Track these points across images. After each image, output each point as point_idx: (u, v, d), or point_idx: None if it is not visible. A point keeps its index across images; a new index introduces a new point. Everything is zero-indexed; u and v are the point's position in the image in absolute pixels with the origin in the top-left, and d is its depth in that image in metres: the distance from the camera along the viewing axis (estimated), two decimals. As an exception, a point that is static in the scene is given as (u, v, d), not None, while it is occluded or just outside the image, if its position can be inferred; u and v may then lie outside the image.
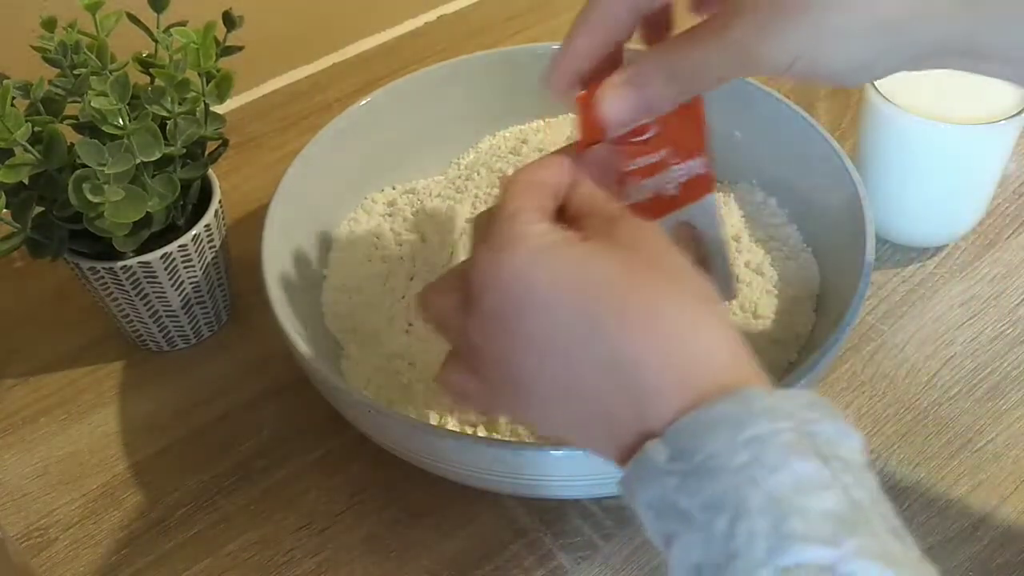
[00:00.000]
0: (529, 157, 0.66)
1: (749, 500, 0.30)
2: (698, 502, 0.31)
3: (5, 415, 0.61)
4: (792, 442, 0.31)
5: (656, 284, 0.35)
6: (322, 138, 0.62)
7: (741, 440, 0.31)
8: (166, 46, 0.55)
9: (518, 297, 0.36)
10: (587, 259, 0.36)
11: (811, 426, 0.32)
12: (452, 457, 0.48)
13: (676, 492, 0.31)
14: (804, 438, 0.31)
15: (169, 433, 0.59)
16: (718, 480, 0.31)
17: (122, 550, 0.54)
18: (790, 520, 0.29)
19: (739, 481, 0.30)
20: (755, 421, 0.31)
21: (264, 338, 0.63)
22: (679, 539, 0.31)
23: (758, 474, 0.30)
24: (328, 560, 0.53)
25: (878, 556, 0.29)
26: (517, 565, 0.53)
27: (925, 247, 0.67)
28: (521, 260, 0.36)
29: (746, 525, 0.29)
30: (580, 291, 0.35)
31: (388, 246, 0.63)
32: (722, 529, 0.30)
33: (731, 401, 0.32)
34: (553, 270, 0.35)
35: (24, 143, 0.51)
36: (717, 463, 0.31)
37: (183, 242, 0.57)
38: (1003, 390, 0.59)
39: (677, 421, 0.32)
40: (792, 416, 0.32)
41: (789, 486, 0.30)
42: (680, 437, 0.32)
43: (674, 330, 0.34)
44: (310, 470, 0.57)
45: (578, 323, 0.34)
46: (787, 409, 0.32)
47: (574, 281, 0.35)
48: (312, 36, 0.83)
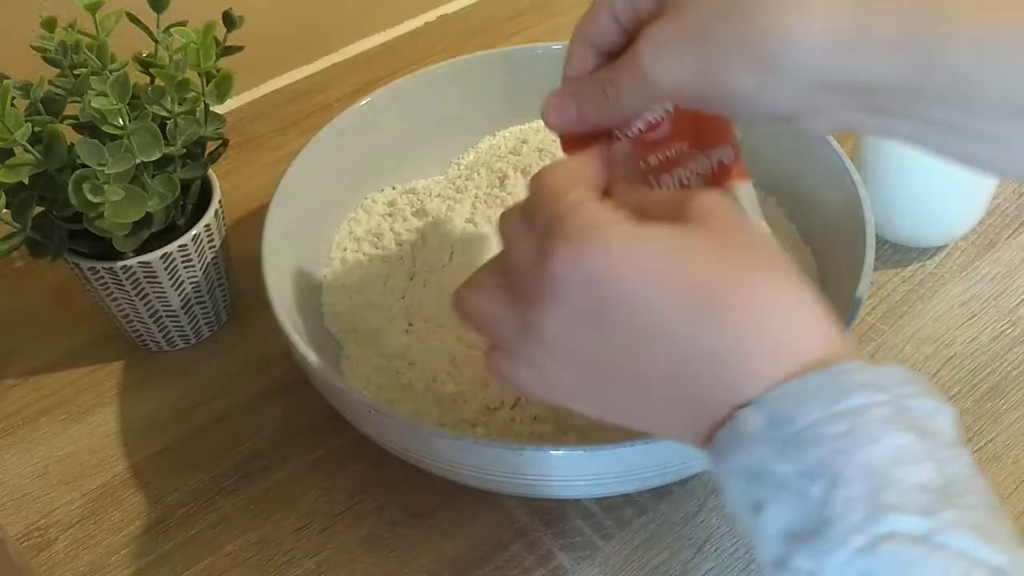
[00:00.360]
0: (529, 157, 0.66)
1: (846, 469, 0.30)
2: (795, 469, 0.31)
3: (5, 415, 0.61)
4: (889, 415, 0.31)
5: (747, 265, 0.35)
6: (322, 138, 0.62)
7: (839, 411, 0.31)
8: (166, 46, 0.55)
9: (608, 291, 0.34)
10: (675, 247, 0.35)
11: (907, 400, 0.32)
12: (452, 457, 0.48)
13: (771, 459, 0.32)
14: (900, 411, 0.32)
15: (169, 433, 0.59)
16: (816, 448, 0.31)
17: (122, 550, 0.54)
18: (886, 490, 0.30)
19: (837, 450, 0.31)
20: (853, 393, 0.32)
21: (264, 338, 0.63)
22: (770, 505, 0.32)
23: (855, 444, 0.31)
24: (328, 560, 0.53)
25: (972, 528, 0.29)
26: (517, 565, 0.53)
27: (925, 247, 0.67)
28: (606, 252, 0.34)
29: (843, 492, 0.30)
30: (674, 282, 0.34)
31: (388, 246, 0.63)
32: (818, 495, 0.30)
33: (829, 373, 0.32)
34: (642, 261, 0.34)
35: (24, 143, 0.51)
36: (815, 432, 0.31)
37: (183, 242, 0.57)
38: (1003, 390, 0.59)
39: (774, 390, 0.32)
40: (889, 390, 0.32)
41: (886, 457, 0.30)
42: (777, 406, 0.32)
43: (772, 312, 0.34)
44: (310, 470, 0.57)
45: (676, 316, 0.34)
46: (884, 382, 0.32)
47: (666, 272, 0.34)
48: (312, 36, 0.83)
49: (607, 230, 0.35)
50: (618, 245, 0.34)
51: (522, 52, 0.69)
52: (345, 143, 0.63)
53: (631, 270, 0.34)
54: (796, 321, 0.34)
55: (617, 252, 0.34)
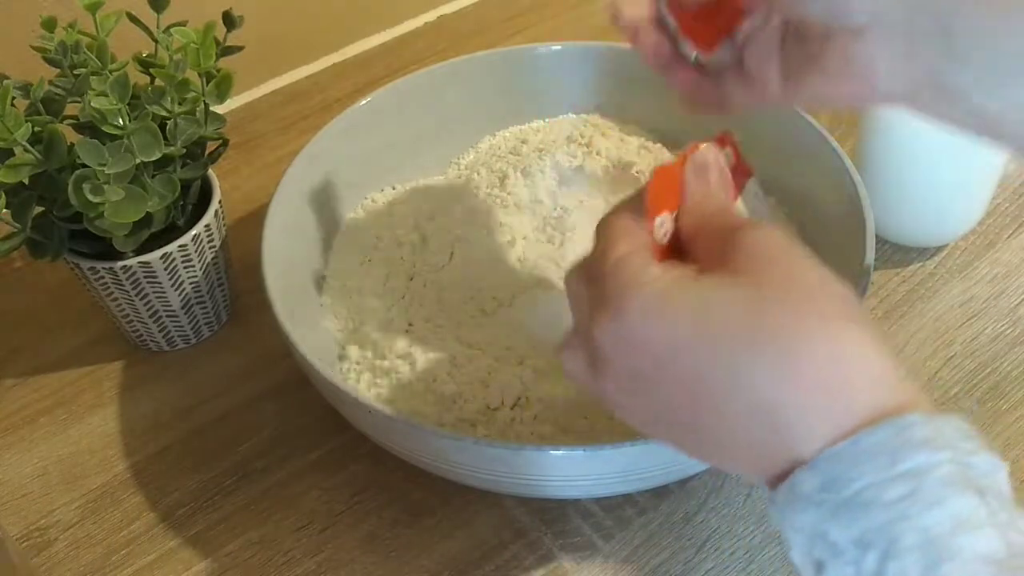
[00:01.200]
0: (529, 157, 0.66)
1: (902, 539, 0.29)
2: (848, 536, 0.30)
3: (5, 415, 0.61)
4: (950, 476, 0.29)
5: (787, 316, 0.32)
6: (322, 138, 0.62)
7: (897, 473, 0.29)
8: (166, 46, 0.55)
9: (645, 353, 0.34)
10: (705, 302, 0.33)
11: (968, 457, 0.30)
12: (452, 457, 0.48)
13: (826, 523, 0.30)
14: (961, 471, 0.30)
15: (169, 433, 0.59)
16: (870, 515, 0.29)
17: (122, 550, 0.54)
18: (945, 563, 0.28)
19: (892, 517, 0.29)
20: (913, 453, 0.30)
21: (264, 338, 0.63)
22: (829, 568, 0.30)
23: (913, 511, 0.29)
24: (328, 560, 0.53)
25: None
26: (517, 565, 0.53)
27: (925, 247, 0.67)
28: (640, 315, 0.34)
29: (897, 565, 0.28)
30: (706, 339, 0.33)
31: (388, 246, 0.63)
32: (872, 567, 0.29)
33: (887, 429, 0.30)
34: (674, 322, 0.33)
35: (24, 143, 0.51)
36: (870, 496, 0.29)
37: (183, 242, 0.57)
38: (1003, 390, 0.59)
39: (828, 449, 0.31)
40: (950, 446, 0.30)
41: (946, 525, 0.28)
42: (832, 467, 0.30)
43: (814, 362, 0.32)
44: (310, 470, 0.57)
45: (714, 373, 0.32)
46: (945, 438, 0.30)
47: (697, 329, 0.33)
48: (312, 36, 0.83)
49: (639, 291, 0.34)
50: (651, 306, 0.34)
51: (522, 52, 0.69)
52: (345, 143, 0.63)
53: (663, 332, 0.33)
54: (848, 371, 0.32)
55: (649, 315, 0.34)
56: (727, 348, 0.32)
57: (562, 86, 0.70)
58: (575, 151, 0.65)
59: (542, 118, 0.70)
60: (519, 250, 0.61)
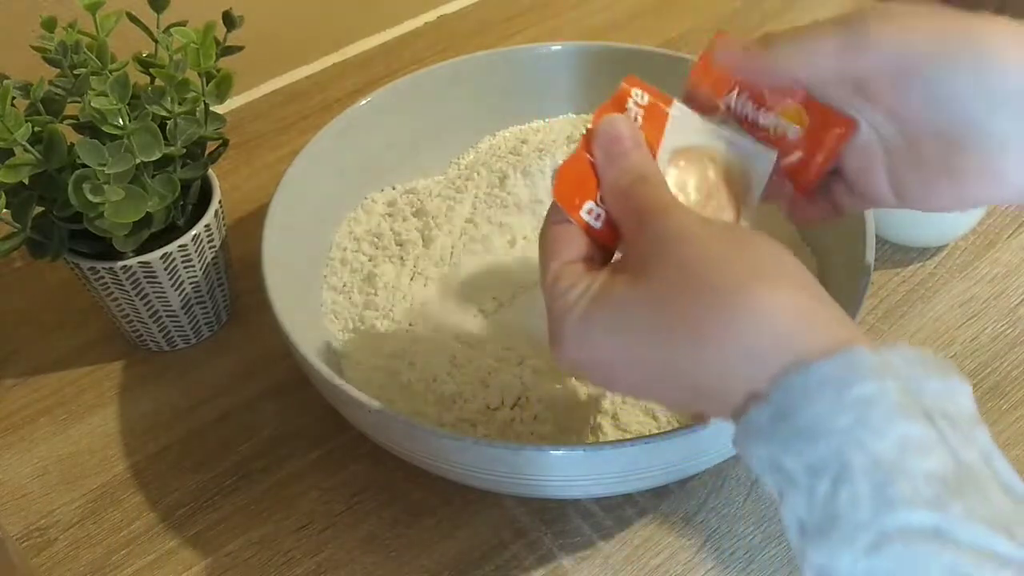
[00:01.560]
0: (529, 157, 0.66)
1: (852, 463, 0.29)
2: (801, 464, 0.31)
3: (5, 415, 0.61)
4: (898, 402, 0.30)
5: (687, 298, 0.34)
6: (322, 138, 0.62)
7: (846, 401, 0.30)
8: (166, 46, 0.55)
9: (598, 368, 0.37)
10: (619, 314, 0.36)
11: (918, 383, 0.31)
12: (452, 457, 0.48)
13: (781, 453, 0.31)
14: (911, 397, 0.30)
15: (169, 433, 0.59)
16: (821, 442, 0.30)
17: (122, 550, 0.54)
18: (894, 483, 0.29)
19: (842, 443, 0.30)
20: (860, 380, 0.30)
21: (264, 338, 0.63)
22: (786, 496, 0.31)
23: (862, 436, 0.30)
24: (328, 560, 0.53)
25: (986, 519, 0.28)
26: (517, 565, 0.53)
27: (925, 247, 0.67)
28: (575, 345, 0.37)
29: (848, 488, 0.29)
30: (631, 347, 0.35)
31: (388, 246, 0.63)
32: (825, 491, 0.30)
33: (835, 360, 0.31)
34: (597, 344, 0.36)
35: (24, 143, 0.51)
36: (820, 425, 0.30)
37: (183, 242, 0.57)
38: (1003, 390, 0.59)
39: (780, 379, 0.32)
40: (899, 374, 0.31)
41: (894, 448, 0.29)
42: (783, 398, 0.31)
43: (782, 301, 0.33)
44: (310, 470, 0.57)
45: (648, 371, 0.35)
46: (894, 366, 0.31)
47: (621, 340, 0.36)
48: (312, 36, 0.83)
49: (567, 319, 0.37)
50: (578, 333, 0.37)
51: (522, 52, 0.69)
52: (345, 143, 0.63)
53: (596, 353, 0.36)
54: (807, 313, 0.33)
55: (581, 341, 0.37)
56: (649, 348, 0.35)
57: (562, 86, 0.70)
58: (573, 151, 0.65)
59: (542, 118, 0.70)
60: (519, 250, 0.61)
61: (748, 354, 0.33)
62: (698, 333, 0.34)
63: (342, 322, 0.60)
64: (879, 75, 0.38)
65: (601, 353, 0.36)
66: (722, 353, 0.33)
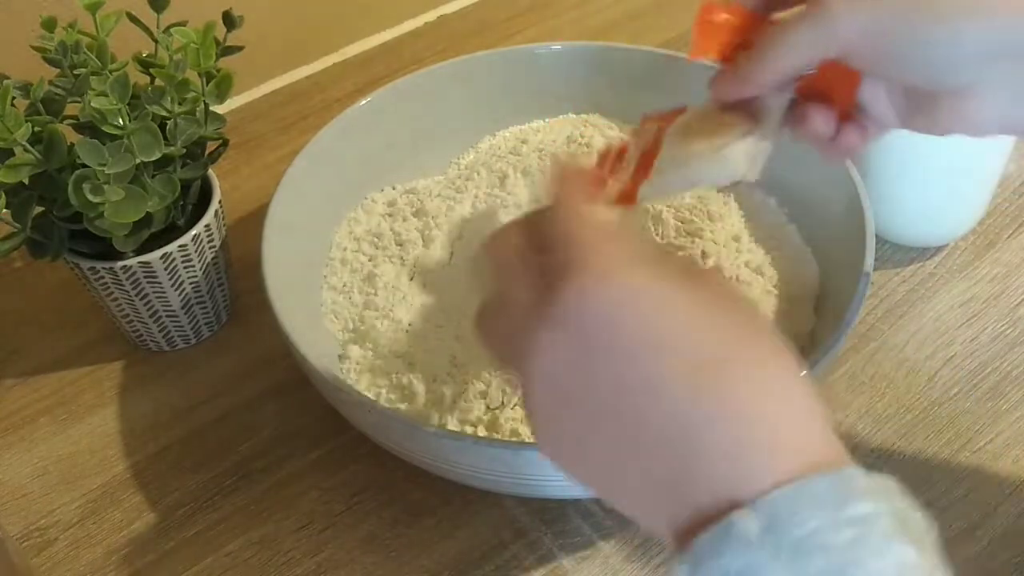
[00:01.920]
0: (529, 157, 0.66)
1: None
2: None
3: (5, 415, 0.61)
4: (894, 528, 0.30)
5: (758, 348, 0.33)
6: (322, 138, 0.62)
7: (843, 518, 0.29)
8: (166, 46, 0.55)
9: (613, 332, 0.33)
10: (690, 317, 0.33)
11: (906, 512, 0.31)
12: (452, 457, 0.48)
13: (766, 566, 0.29)
14: (901, 523, 0.30)
15: (169, 433, 0.59)
16: (817, 557, 0.29)
17: (122, 550, 0.54)
18: None
19: (842, 562, 0.29)
20: (858, 500, 0.30)
21: (264, 338, 0.63)
22: None
23: (862, 556, 0.29)
24: (328, 560, 0.53)
25: None
26: (517, 565, 0.53)
27: (925, 247, 0.67)
28: (630, 294, 0.33)
29: None
30: (686, 342, 0.32)
31: (388, 246, 0.63)
32: None
33: (832, 478, 0.30)
34: (660, 313, 0.33)
35: (24, 143, 0.51)
36: (818, 540, 0.29)
37: (183, 242, 0.57)
38: (1003, 390, 0.59)
39: (773, 492, 0.30)
40: (890, 501, 0.31)
41: (892, 570, 0.29)
42: (777, 510, 0.30)
43: (779, 405, 0.32)
44: (310, 470, 0.57)
45: (676, 376, 0.32)
46: (886, 491, 0.31)
47: (681, 329, 0.33)
48: (312, 36, 0.83)
49: (635, 272, 0.33)
50: (642, 290, 0.33)
51: (522, 52, 0.69)
52: (345, 143, 0.63)
53: (645, 319, 0.33)
54: (800, 418, 0.32)
55: (639, 298, 0.33)
56: (706, 359, 0.32)
57: (562, 86, 0.70)
58: (575, 151, 0.65)
59: (542, 118, 0.70)
60: (519, 250, 0.61)
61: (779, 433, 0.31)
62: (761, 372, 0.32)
63: (342, 322, 0.60)
64: (853, 53, 0.40)
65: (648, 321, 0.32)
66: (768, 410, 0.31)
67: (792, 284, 0.60)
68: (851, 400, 0.59)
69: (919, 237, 0.66)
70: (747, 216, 0.63)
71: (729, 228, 0.62)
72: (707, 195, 0.63)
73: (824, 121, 0.44)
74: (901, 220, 0.65)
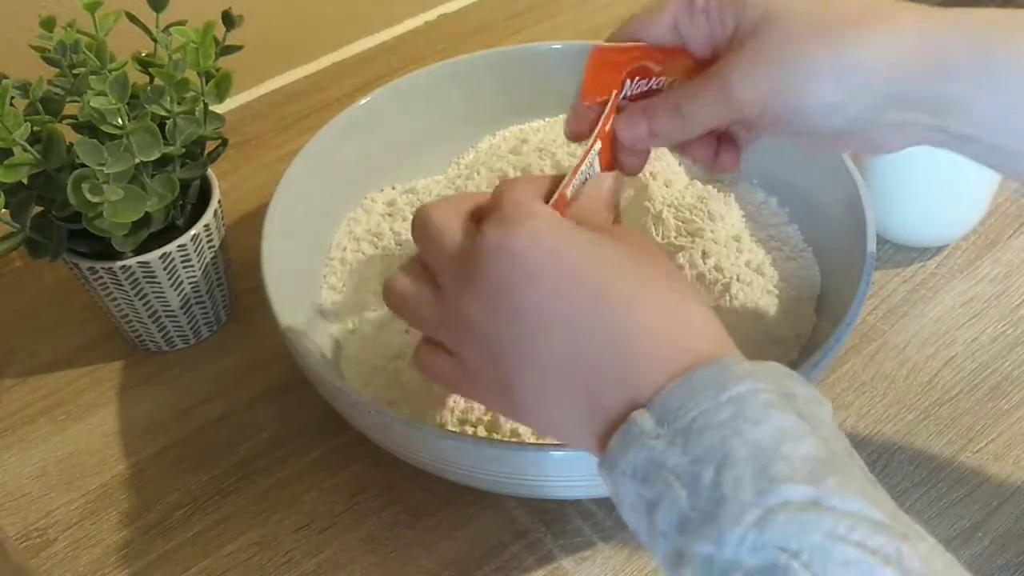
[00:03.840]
0: (529, 157, 0.66)
1: (735, 451, 0.32)
2: (686, 459, 0.33)
3: (5, 415, 0.61)
4: (772, 400, 0.33)
5: (653, 268, 0.39)
6: (322, 138, 0.62)
7: (724, 399, 0.33)
8: (165, 46, 0.55)
9: (521, 268, 0.38)
10: (594, 241, 0.39)
11: (788, 388, 0.34)
12: (452, 457, 0.48)
13: (663, 453, 0.33)
14: (783, 397, 0.34)
15: (169, 433, 0.59)
16: (704, 436, 0.33)
17: (122, 550, 0.54)
18: (774, 465, 0.31)
19: (724, 434, 0.33)
20: (736, 382, 0.34)
21: (264, 338, 0.63)
22: (664, 499, 0.33)
23: (742, 427, 0.32)
24: (328, 560, 0.53)
25: (858, 492, 0.31)
26: (517, 566, 0.53)
27: (926, 247, 0.67)
28: (534, 231, 0.38)
29: (733, 472, 0.32)
30: (588, 266, 0.37)
31: (388, 246, 0.63)
32: (709, 479, 0.32)
33: (712, 367, 0.35)
34: (564, 245, 0.38)
35: (23, 143, 0.51)
36: (703, 421, 0.33)
37: (182, 242, 0.57)
38: (1004, 390, 0.59)
39: (664, 388, 0.35)
40: (770, 380, 0.34)
41: (771, 436, 0.32)
42: (666, 403, 0.34)
43: (668, 305, 0.38)
44: (310, 470, 0.57)
45: (585, 295, 0.37)
46: (765, 374, 0.35)
47: (583, 257, 0.38)
48: (312, 36, 0.83)
49: (540, 217, 0.39)
50: (546, 228, 0.38)
51: (522, 52, 0.69)
52: (345, 143, 0.63)
53: (553, 249, 0.38)
54: (691, 317, 0.38)
55: (540, 236, 0.38)
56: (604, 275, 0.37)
57: (562, 86, 0.69)
58: (575, 151, 0.65)
59: (542, 118, 0.70)
60: (519, 250, 0.61)
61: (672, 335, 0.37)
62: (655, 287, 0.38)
63: (342, 322, 0.60)
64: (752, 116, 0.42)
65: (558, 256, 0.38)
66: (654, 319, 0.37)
67: (792, 284, 0.60)
68: (852, 400, 0.59)
69: (920, 237, 0.66)
70: (747, 216, 0.63)
71: (729, 228, 0.62)
72: (708, 195, 0.63)
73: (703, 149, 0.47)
74: (902, 220, 0.65)
